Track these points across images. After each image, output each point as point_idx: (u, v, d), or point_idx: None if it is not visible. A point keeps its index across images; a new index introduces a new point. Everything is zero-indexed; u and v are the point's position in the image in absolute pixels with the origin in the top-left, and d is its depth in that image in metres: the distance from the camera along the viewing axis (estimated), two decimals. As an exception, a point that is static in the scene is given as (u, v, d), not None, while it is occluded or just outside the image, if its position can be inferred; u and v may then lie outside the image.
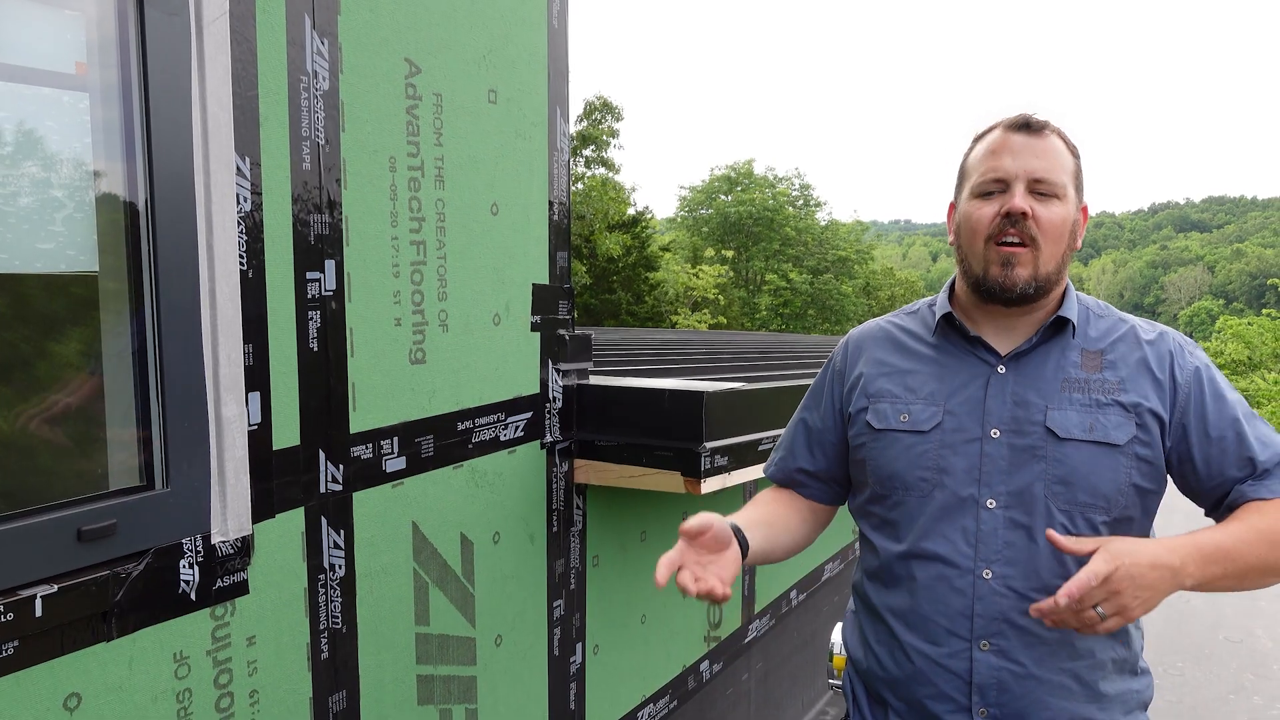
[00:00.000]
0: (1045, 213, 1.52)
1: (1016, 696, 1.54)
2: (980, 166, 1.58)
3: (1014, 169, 1.53)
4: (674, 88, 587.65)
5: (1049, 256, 1.54)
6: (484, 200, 2.21)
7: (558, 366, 2.52)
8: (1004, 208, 1.53)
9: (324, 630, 1.86)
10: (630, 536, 2.95)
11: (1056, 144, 1.56)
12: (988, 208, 1.55)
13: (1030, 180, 1.53)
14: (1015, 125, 1.57)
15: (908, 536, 1.62)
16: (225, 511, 1.62)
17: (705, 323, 30.52)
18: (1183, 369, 1.56)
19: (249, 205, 1.64)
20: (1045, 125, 1.56)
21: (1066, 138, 1.59)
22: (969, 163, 1.63)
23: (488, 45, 2.19)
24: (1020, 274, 1.53)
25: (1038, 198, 1.53)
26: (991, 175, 1.55)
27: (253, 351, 1.66)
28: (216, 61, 1.56)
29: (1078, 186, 1.59)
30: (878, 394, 1.68)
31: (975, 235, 1.57)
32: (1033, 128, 1.55)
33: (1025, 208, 1.51)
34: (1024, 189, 1.53)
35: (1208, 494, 1.57)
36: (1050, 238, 1.53)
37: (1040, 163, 1.53)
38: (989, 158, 1.57)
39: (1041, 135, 1.55)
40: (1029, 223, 1.51)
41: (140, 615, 1.50)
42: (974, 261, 1.58)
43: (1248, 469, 1.53)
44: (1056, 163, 1.55)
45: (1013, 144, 1.55)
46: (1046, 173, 1.53)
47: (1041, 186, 1.53)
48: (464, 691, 2.27)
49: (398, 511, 2.03)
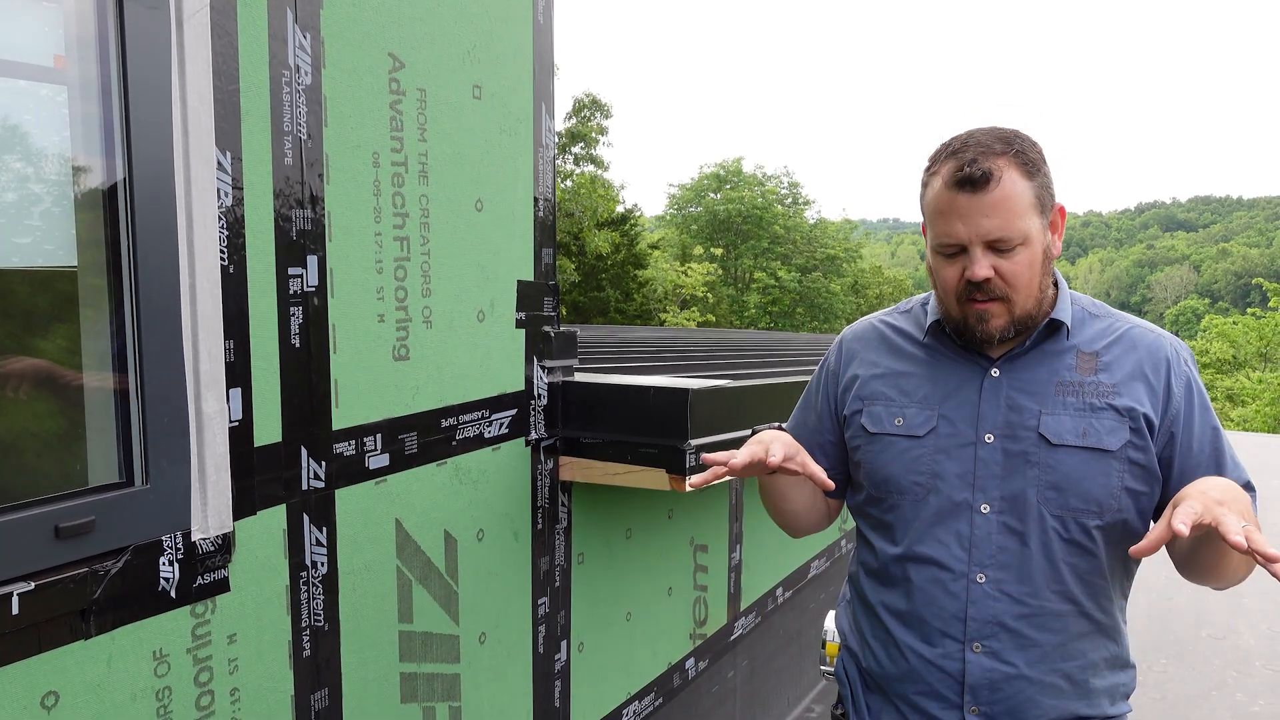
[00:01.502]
0: (1009, 266, 1.48)
1: (1008, 696, 1.55)
2: (934, 225, 1.52)
3: (966, 234, 1.47)
4: (663, 85, 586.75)
5: (1024, 299, 1.51)
6: (468, 196, 2.20)
7: (543, 363, 2.51)
8: (966, 274, 1.49)
9: (306, 628, 1.85)
10: (616, 534, 2.95)
11: (1006, 189, 1.45)
12: (951, 269, 1.52)
13: (985, 241, 1.47)
14: (959, 183, 1.46)
15: (903, 539, 1.62)
16: (206, 508, 1.61)
17: (694, 320, 30.54)
18: (1178, 377, 1.56)
19: (230, 200, 1.63)
20: (989, 175, 1.44)
21: (1020, 161, 1.47)
22: (925, 208, 1.55)
23: (472, 41, 2.18)
24: (996, 325, 1.52)
25: (998, 254, 1.47)
26: (945, 240, 1.50)
27: (234, 347, 1.65)
28: (197, 55, 1.55)
29: (1043, 208, 1.50)
30: (872, 396, 1.68)
31: (947, 293, 1.55)
32: (976, 183, 1.44)
33: (986, 274, 1.47)
34: (981, 251, 1.47)
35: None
36: (1020, 285, 1.49)
37: (991, 221, 1.45)
38: (940, 220, 1.50)
39: (986, 188, 1.44)
40: (994, 283, 1.48)
41: (119, 613, 1.49)
42: (950, 311, 1.57)
43: None
44: (1010, 212, 1.45)
45: (959, 206, 1.46)
46: (1001, 230, 1.45)
47: (999, 244, 1.46)
48: (447, 689, 2.27)
49: (381, 509, 2.02)
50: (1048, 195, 1.51)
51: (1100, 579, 1.56)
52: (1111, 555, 1.56)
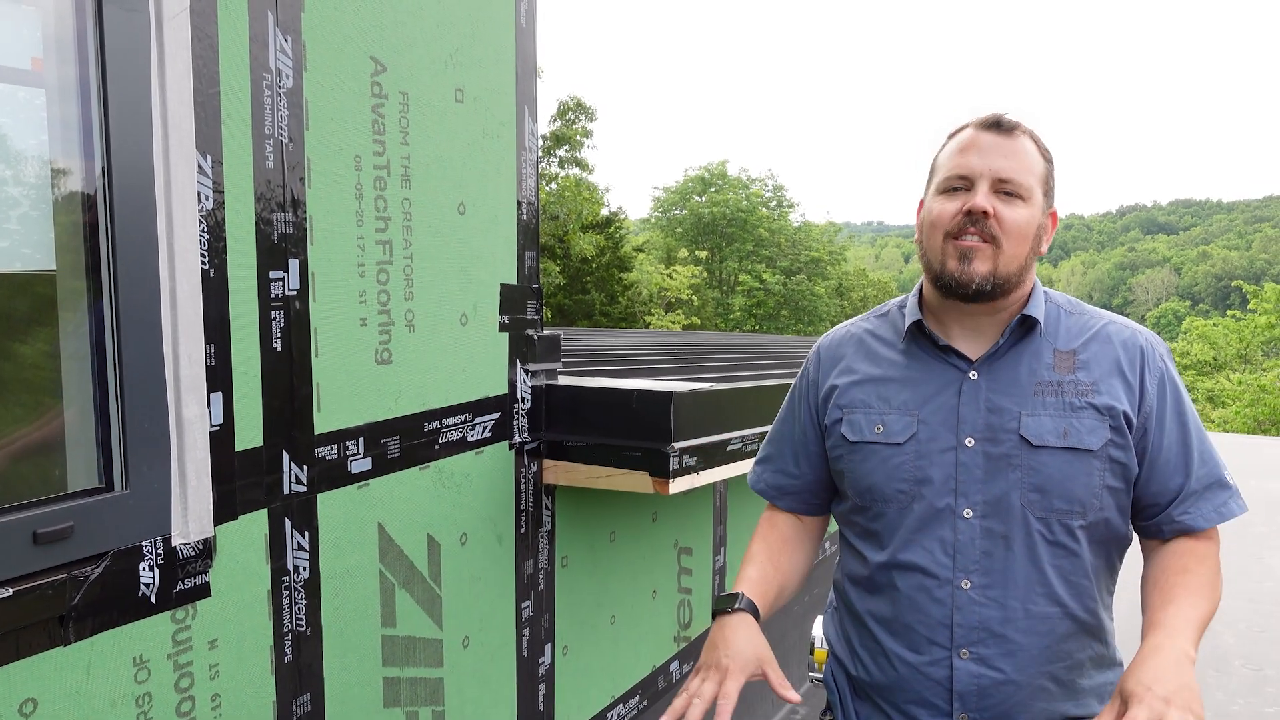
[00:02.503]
0: (1008, 213, 1.50)
1: (997, 702, 1.54)
2: (948, 164, 1.56)
3: (980, 167, 1.51)
4: (648, 88, 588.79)
5: (1010, 256, 1.52)
6: (451, 200, 2.20)
7: (526, 367, 2.51)
8: (965, 205, 1.51)
9: (288, 633, 1.84)
10: (600, 537, 2.95)
11: (1027, 145, 1.54)
12: (950, 204, 1.54)
13: (995, 180, 1.51)
14: (986, 124, 1.55)
15: (889, 547, 1.61)
16: (186, 513, 1.60)
17: (679, 323, 30.56)
18: (1152, 373, 1.56)
19: (211, 203, 1.62)
20: (1017, 126, 1.54)
21: (1039, 141, 1.58)
22: (938, 160, 1.61)
23: (455, 44, 2.18)
24: (978, 269, 1.51)
25: (1002, 197, 1.51)
26: (957, 172, 1.53)
27: (215, 351, 1.64)
28: (177, 58, 1.54)
29: (1046, 191, 1.57)
30: (851, 404, 1.67)
31: (935, 230, 1.55)
32: (1003, 127, 1.54)
33: (987, 206, 1.49)
34: (988, 188, 1.51)
35: (1143, 498, 1.58)
36: (1012, 238, 1.51)
37: (1007, 163, 1.51)
38: (957, 155, 1.55)
39: (1012, 135, 1.53)
40: (990, 222, 1.50)
41: (98, 619, 1.48)
42: (933, 256, 1.57)
43: (1182, 484, 1.56)
44: (1024, 164, 1.53)
45: (981, 142, 1.53)
46: (1013, 173, 1.51)
47: (1007, 186, 1.51)
48: (431, 693, 2.26)
49: (363, 513, 2.01)
50: (1052, 185, 1.59)
51: (1084, 579, 1.55)
52: (1094, 555, 1.56)
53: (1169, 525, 1.57)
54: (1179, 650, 1.34)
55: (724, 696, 1.48)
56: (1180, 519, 1.56)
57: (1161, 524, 1.57)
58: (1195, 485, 1.56)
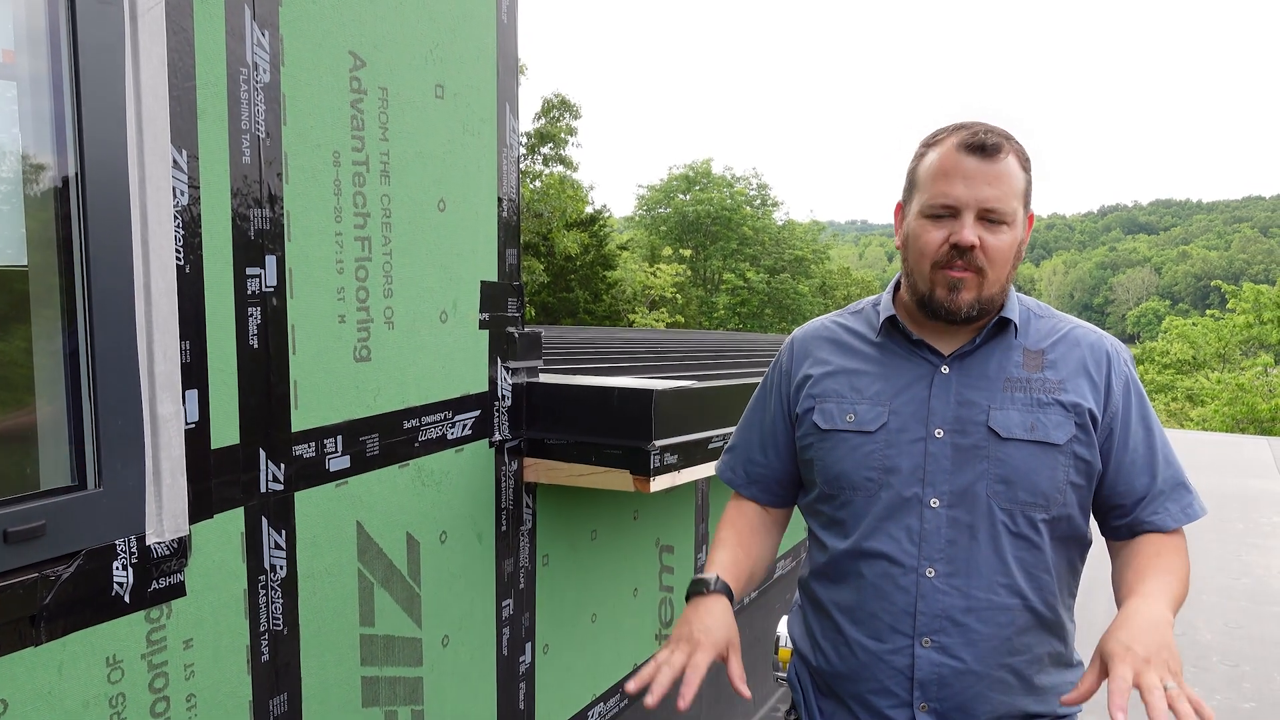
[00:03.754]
0: (994, 241, 1.51)
1: (957, 691, 1.57)
2: (931, 187, 1.53)
3: (965, 197, 1.49)
4: (632, 86, 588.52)
5: (994, 280, 1.54)
6: (431, 196, 2.19)
7: (507, 364, 2.50)
8: (952, 238, 1.51)
9: (265, 632, 1.82)
10: (581, 535, 2.95)
11: (1010, 166, 1.51)
12: (936, 232, 1.53)
13: (981, 209, 1.50)
14: (970, 147, 1.50)
15: (854, 534, 1.64)
16: (161, 512, 1.59)
17: (663, 321, 30.58)
18: (1118, 375, 1.60)
19: (186, 199, 1.61)
20: (1000, 146, 1.50)
21: (1020, 151, 1.55)
22: (920, 174, 1.58)
23: (435, 39, 2.17)
24: (965, 298, 1.53)
25: (987, 225, 1.51)
26: (941, 201, 1.52)
27: (190, 348, 1.63)
28: (151, 52, 1.52)
29: (1026, 202, 1.56)
30: (824, 394, 1.69)
31: (923, 258, 1.56)
32: (988, 151, 1.49)
33: (974, 240, 1.49)
34: (974, 218, 1.50)
35: (1110, 499, 1.61)
36: (997, 264, 1.53)
37: (993, 191, 1.49)
38: (940, 180, 1.52)
39: (995, 159, 1.50)
40: (976, 254, 1.50)
41: (71, 619, 1.46)
42: (919, 281, 1.58)
43: (1148, 484, 1.59)
44: (1009, 188, 1.51)
45: (965, 168, 1.50)
46: (998, 201, 1.49)
47: (992, 215, 1.50)
48: (410, 693, 2.25)
49: (341, 511, 2.00)
50: (1030, 194, 1.58)
51: (1045, 574, 1.58)
52: (1055, 551, 1.60)
53: (1139, 526, 1.60)
54: (1156, 613, 1.37)
55: (692, 668, 1.49)
56: (1151, 519, 1.60)
57: (1132, 525, 1.61)
58: (1162, 486, 1.60)
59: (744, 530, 1.81)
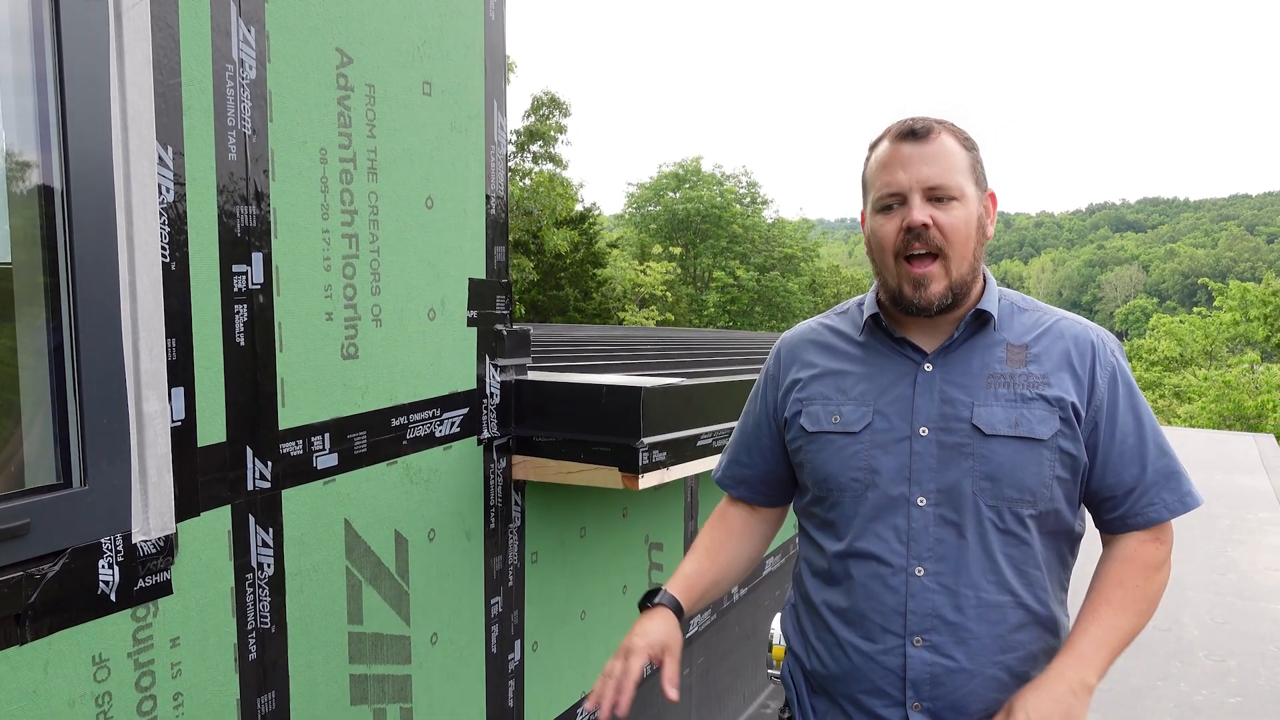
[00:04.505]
0: (946, 218, 1.53)
1: (949, 690, 1.57)
2: (876, 181, 1.58)
3: (907, 181, 1.53)
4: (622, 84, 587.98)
5: (959, 260, 1.55)
6: (419, 193, 2.19)
7: (495, 362, 2.50)
8: (905, 222, 1.53)
9: (252, 630, 1.82)
10: (570, 532, 2.95)
11: (947, 144, 1.55)
12: (890, 223, 1.56)
13: (925, 189, 1.53)
14: (902, 134, 1.56)
15: (846, 536, 1.64)
16: (147, 510, 1.58)
17: (653, 319, 30.57)
18: (1103, 366, 1.60)
19: (172, 196, 1.60)
20: (931, 128, 1.55)
21: (958, 132, 1.58)
22: (867, 175, 1.63)
23: (422, 36, 2.16)
24: (935, 290, 1.55)
25: (936, 204, 1.53)
26: (887, 190, 1.56)
27: (176, 346, 1.62)
28: (136, 48, 1.52)
29: (977, 179, 1.59)
30: (810, 397, 1.70)
31: (884, 251, 1.58)
32: (919, 134, 1.54)
33: (925, 219, 1.52)
34: (921, 199, 1.53)
35: (1100, 491, 1.61)
36: (956, 241, 1.54)
37: (932, 169, 1.53)
38: (882, 171, 1.57)
39: (929, 140, 1.54)
40: (932, 233, 1.53)
41: (56, 617, 1.46)
42: (888, 277, 1.60)
43: (1138, 475, 1.59)
44: (949, 164, 1.54)
45: (902, 155, 1.54)
46: (940, 178, 1.52)
47: (937, 192, 1.53)
48: (399, 691, 2.25)
49: (329, 509, 1.99)
50: (981, 170, 1.60)
51: (1035, 569, 1.58)
52: (1045, 546, 1.60)
53: (1132, 519, 1.60)
54: (1077, 680, 1.48)
55: (625, 673, 1.58)
56: (1145, 511, 1.59)
57: (1125, 517, 1.60)
58: (1154, 476, 1.59)
59: (719, 537, 1.86)
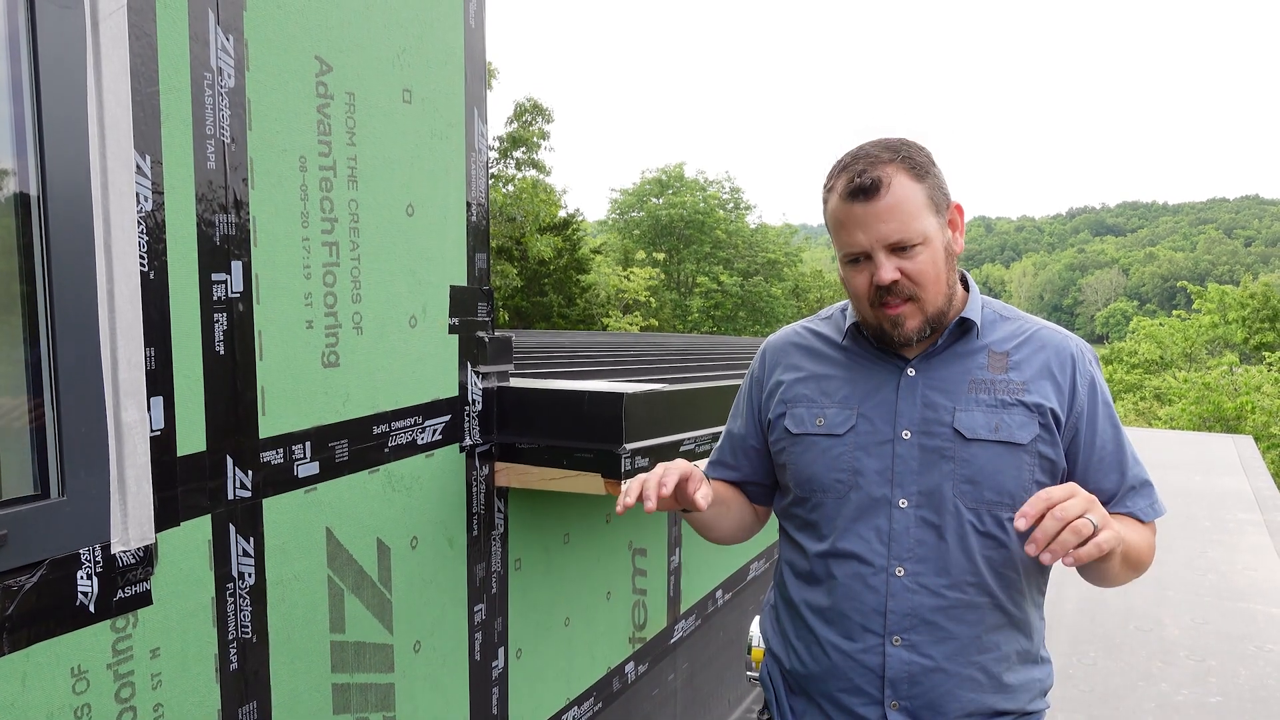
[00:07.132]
0: (913, 266, 1.54)
1: (926, 689, 1.59)
2: (837, 238, 1.59)
3: (867, 242, 1.53)
4: (605, 90, 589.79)
5: (932, 296, 1.57)
6: (399, 201, 2.18)
7: (477, 369, 2.50)
8: (874, 280, 1.55)
9: (233, 640, 1.81)
10: (553, 539, 2.94)
11: (898, 192, 1.51)
12: (860, 276, 1.58)
13: (886, 246, 1.53)
14: (851, 194, 1.53)
15: (828, 537, 1.66)
16: (126, 520, 1.57)
17: (637, 325, 30.58)
18: (1082, 376, 1.63)
19: (150, 204, 1.59)
20: (878, 183, 1.51)
21: (908, 163, 1.54)
22: (828, 222, 1.62)
23: (402, 44, 2.17)
24: (911, 327, 1.58)
25: (900, 254, 1.53)
26: (849, 250, 1.57)
27: (155, 355, 1.61)
28: (113, 57, 1.51)
29: (937, 207, 1.56)
30: (794, 399, 1.72)
31: (859, 300, 1.61)
32: (868, 192, 1.51)
33: (893, 276, 1.53)
34: (885, 255, 1.53)
35: None
36: (927, 283, 1.55)
37: (889, 226, 1.51)
38: (841, 231, 1.57)
39: (879, 196, 1.51)
40: (901, 284, 1.54)
41: (34, 629, 1.45)
42: (865, 317, 1.63)
43: (1118, 481, 1.64)
44: (905, 214, 1.52)
45: (855, 216, 1.53)
46: (899, 233, 1.52)
47: (900, 243, 1.52)
48: (381, 699, 2.24)
49: (310, 517, 1.99)
50: (940, 195, 1.57)
51: (1013, 572, 1.61)
52: (1023, 549, 1.61)
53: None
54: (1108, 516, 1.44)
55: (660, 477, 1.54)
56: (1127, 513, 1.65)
57: None
58: (1131, 482, 1.65)
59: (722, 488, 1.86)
